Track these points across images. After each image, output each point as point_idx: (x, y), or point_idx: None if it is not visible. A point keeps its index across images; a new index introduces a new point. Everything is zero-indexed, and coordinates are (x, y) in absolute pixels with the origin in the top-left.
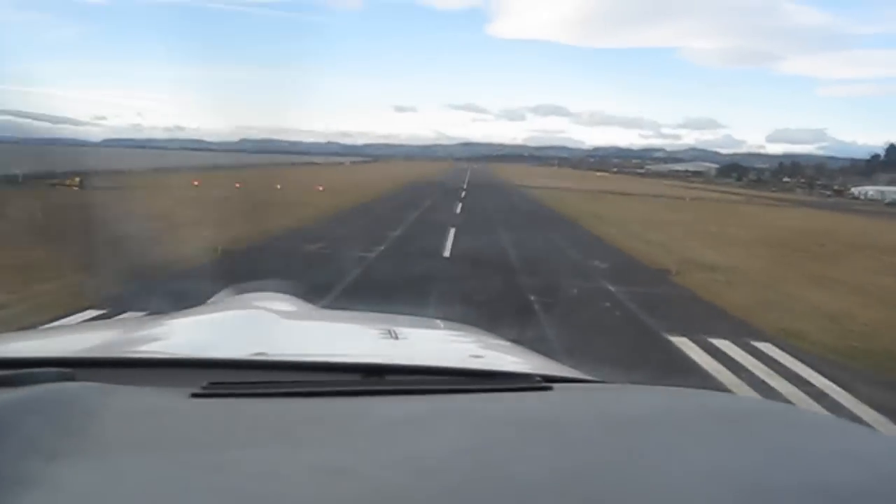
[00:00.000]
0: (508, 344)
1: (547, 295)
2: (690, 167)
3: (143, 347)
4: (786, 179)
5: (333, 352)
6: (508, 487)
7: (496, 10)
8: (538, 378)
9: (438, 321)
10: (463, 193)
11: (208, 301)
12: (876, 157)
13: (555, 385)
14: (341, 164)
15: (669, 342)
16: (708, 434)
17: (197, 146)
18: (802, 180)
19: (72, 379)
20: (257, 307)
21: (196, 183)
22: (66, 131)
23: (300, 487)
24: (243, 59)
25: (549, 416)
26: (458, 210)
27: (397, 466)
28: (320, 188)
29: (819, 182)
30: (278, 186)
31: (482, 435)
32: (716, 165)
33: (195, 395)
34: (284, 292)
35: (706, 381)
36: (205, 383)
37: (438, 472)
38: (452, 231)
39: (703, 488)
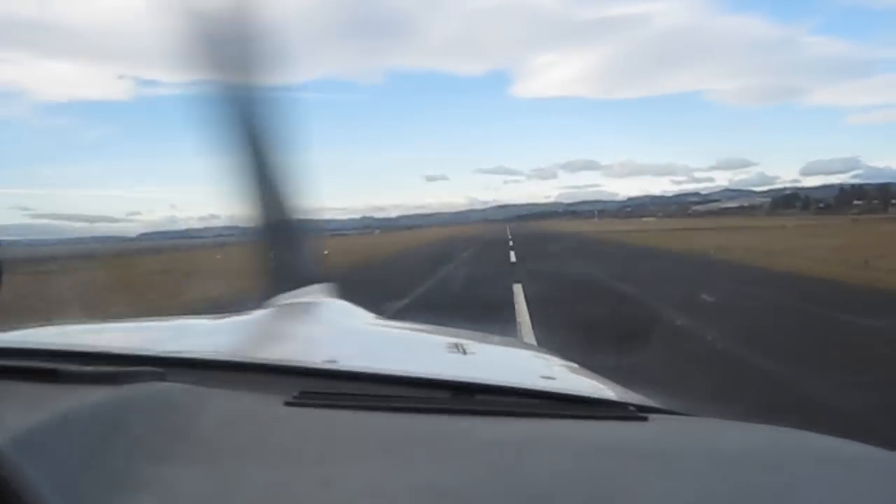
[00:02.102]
0: (580, 367)
1: None
2: (744, 202)
3: (226, 349)
4: (857, 202)
5: (408, 364)
6: None
7: (517, 71)
8: (632, 408)
9: (497, 337)
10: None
11: (266, 303)
12: None
13: (650, 415)
14: (372, 233)
15: None
16: (814, 477)
17: (232, 232)
18: (875, 202)
19: (163, 379)
20: (322, 313)
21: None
22: (103, 229)
23: None
24: (269, 142)
25: (651, 448)
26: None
27: (502, 491)
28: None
29: (894, 202)
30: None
31: (583, 463)
32: (768, 199)
33: (289, 404)
34: (335, 296)
35: None
36: (295, 392)
37: (543, 499)
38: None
39: None
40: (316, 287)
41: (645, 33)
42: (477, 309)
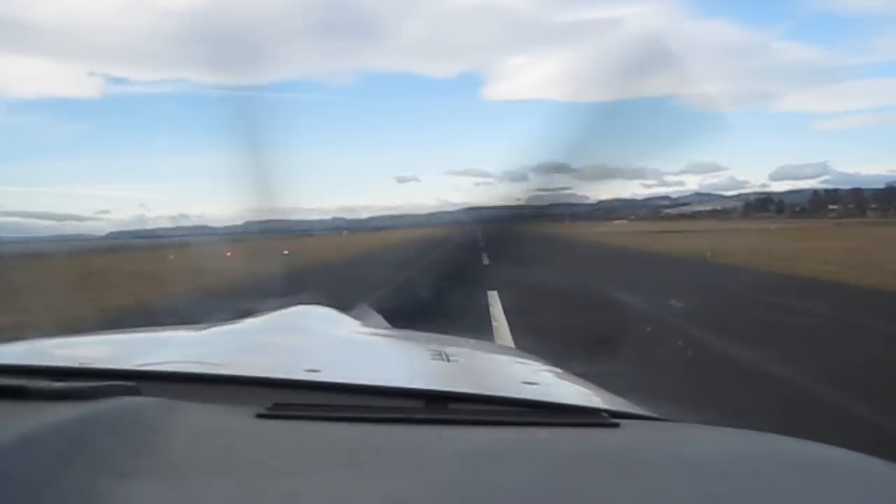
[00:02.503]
0: (561, 371)
1: None
2: (716, 206)
3: (203, 361)
4: (832, 207)
5: (389, 374)
6: None
7: (489, 73)
8: (605, 413)
9: (487, 343)
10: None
11: (253, 314)
12: None
13: (622, 421)
14: (340, 234)
15: None
16: (783, 481)
17: (202, 232)
18: (851, 206)
19: (137, 393)
20: (307, 322)
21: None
22: (71, 228)
23: None
24: (238, 142)
25: (620, 455)
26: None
27: (469, 501)
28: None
29: (873, 207)
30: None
31: (553, 471)
32: (741, 203)
33: (260, 416)
34: (321, 304)
35: None
36: (269, 404)
37: None
38: None
39: None
40: (303, 296)
41: (615, 37)
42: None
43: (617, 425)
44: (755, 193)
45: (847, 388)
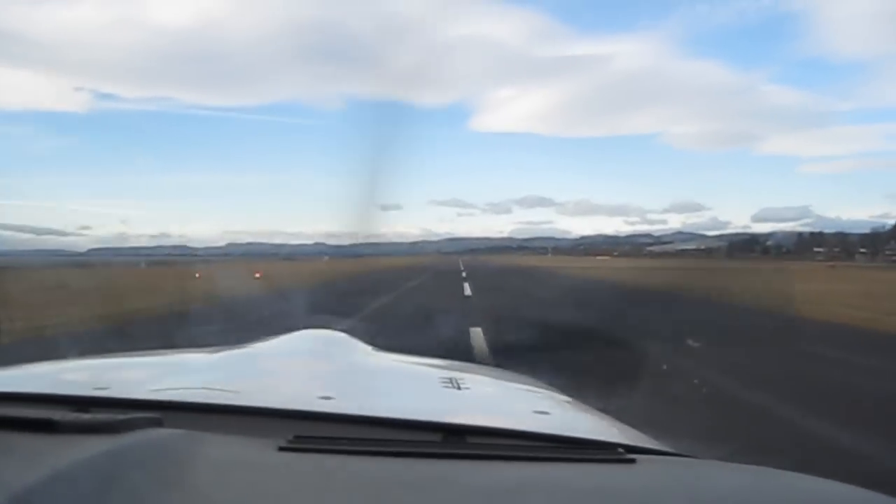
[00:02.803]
0: (568, 399)
1: None
2: (699, 245)
3: (223, 388)
4: (817, 250)
5: (404, 403)
6: None
7: (476, 105)
8: (621, 449)
9: (491, 369)
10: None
11: (265, 338)
12: None
13: (638, 457)
14: (322, 259)
15: None
16: None
17: (182, 252)
18: (836, 249)
19: (160, 424)
20: (319, 347)
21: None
22: (52, 242)
23: None
24: (225, 164)
25: (635, 493)
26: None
27: None
28: (257, 275)
29: (863, 251)
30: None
31: None
32: (724, 243)
33: (283, 449)
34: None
35: None
36: (289, 435)
37: None
38: None
39: None
40: (316, 321)
41: (604, 74)
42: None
43: (633, 461)
44: (738, 234)
45: None
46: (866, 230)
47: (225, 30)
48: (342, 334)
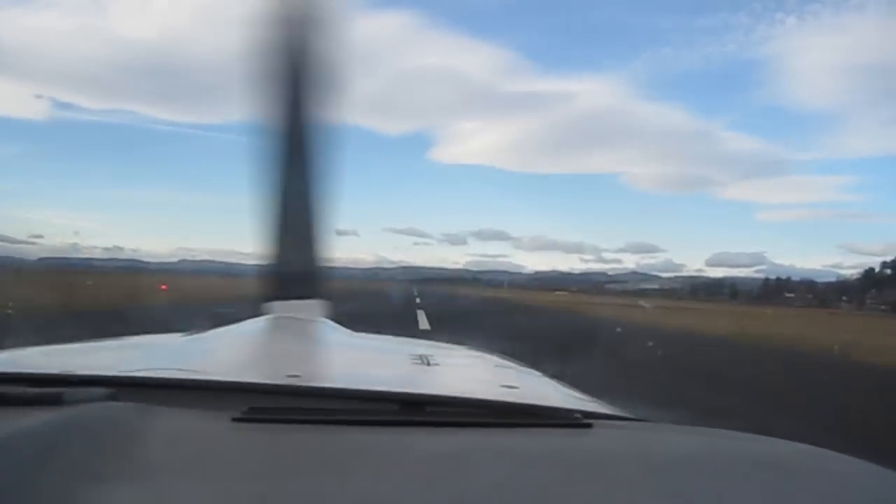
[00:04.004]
0: (538, 374)
1: None
2: (665, 285)
3: (182, 367)
4: (789, 295)
5: (369, 379)
6: None
7: (438, 136)
8: (578, 415)
9: (470, 350)
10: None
11: (244, 321)
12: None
13: (595, 422)
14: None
15: None
16: (752, 479)
17: (135, 266)
18: (810, 296)
19: (115, 399)
20: (292, 329)
21: None
22: (1, 249)
23: None
24: (182, 181)
25: (591, 455)
26: None
27: (440, 501)
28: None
29: (845, 298)
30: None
31: (525, 472)
32: (685, 285)
33: (236, 420)
34: (319, 314)
35: None
36: (245, 408)
37: None
38: None
39: None
40: (306, 303)
41: (567, 112)
42: None
43: (589, 426)
44: (693, 277)
45: None
46: (828, 279)
47: (188, 46)
48: (319, 318)
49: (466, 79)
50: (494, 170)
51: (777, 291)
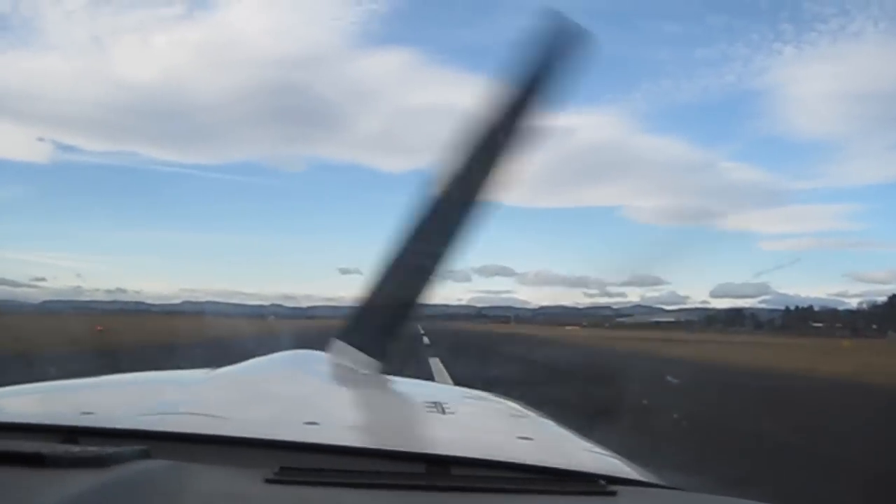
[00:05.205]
0: (552, 424)
1: None
2: (682, 317)
3: (209, 414)
4: (816, 325)
5: (389, 430)
6: None
7: (440, 171)
8: (602, 481)
9: (480, 394)
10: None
11: (252, 361)
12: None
13: (620, 488)
14: (265, 319)
15: None
16: None
17: (137, 308)
18: (838, 325)
19: (148, 456)
20: (300, 369)
21: None
22: (5, 293)
23: None
24: (186, 222)
25: None
26: None
27: None
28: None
29: (875, 327)
30: None
31: None
32: (695, 317)
33: (269, 481)
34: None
35: None
36: (275, 465)
37: None
38: None
39: None
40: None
41: (567, 146)
42: None
43: (614, 493)
44: (699, 309)
45: None
46: (848, 307)
47: (190, 87)
48: (321, 353)
49: (465, 113)
50: (496, 205)
51: (800, 321)
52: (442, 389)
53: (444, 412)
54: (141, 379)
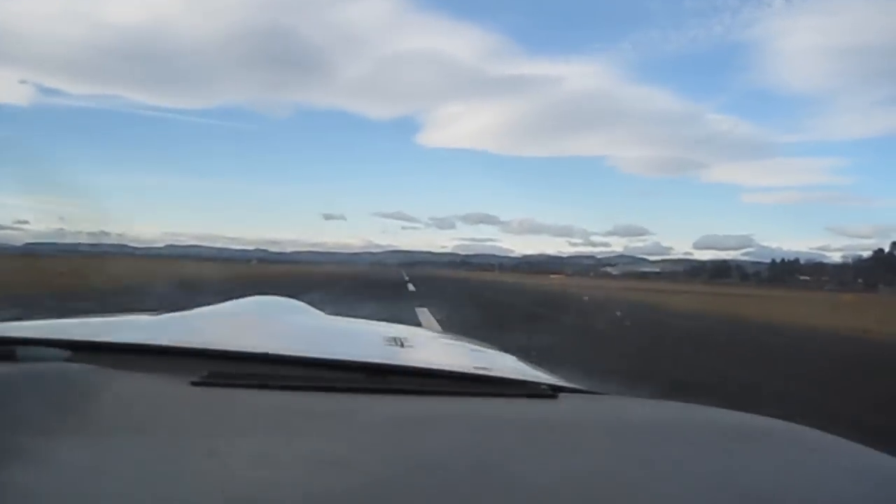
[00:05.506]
0: (515, 358)
1: None
2: (666, 268)
3: (146, 336)
4: (803, 278)
5: (335, 352)
6: (509, 488)
7: (426, 120)
8: (544, 386)
9: (447, 335)
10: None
11: (218, 304)
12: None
13: (560, 394)
14: (248, 263)
15: None
16: (716, 449)
17: (121, 251)
18: (825, 279)
19: (71, 361)
20: (267, 310)
21: None
22: None
23: (292, 475)
24: (171, 166)
25: (555, 423)
26: None
27: (394, 461)
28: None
29: (861, 281)
30: None
31: (485, 437)
32: (681, 267)
33: (195, 384)
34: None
35: None
36: (205, 373)
37: (437, 470)
38: None
39: (709, 500)
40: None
41: (554, 95)
42: None
43: (555, 397)
44: (682, 259)
45: None
46: (833, 261)
47: (175, 31)
48: (297, 301)
49: (453, 62)
50: (482, 153)
51: (786, 274)
52: (406, 330)
53: (401, 345)
54: (96, 317)
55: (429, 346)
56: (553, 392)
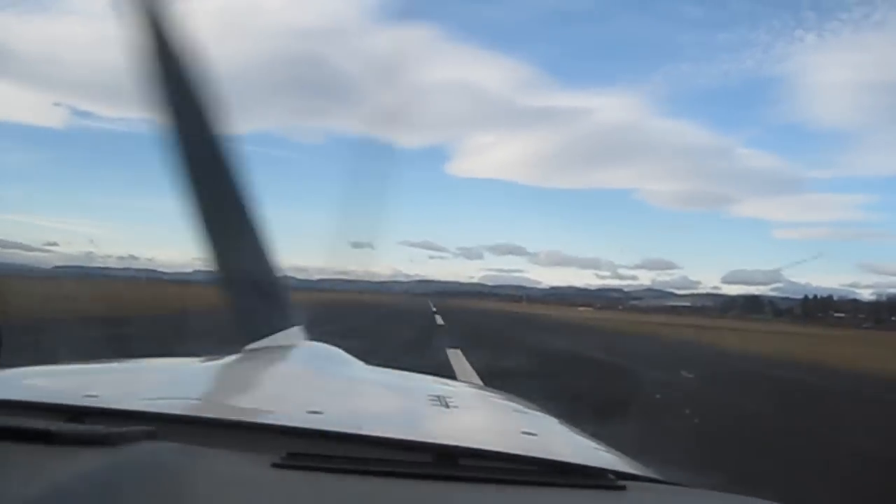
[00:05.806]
0: (555, 420)
1: None
2: (694, 302)
3: (215, 400)
4: (838, 315)
5: (394, 420)
6: None
7: (455, 149)
8: (611, 475)
9: (476, 387)
10: None
11: (247, 347)
12: None
13: (628, 483)
14: None
15: None
16: None
17: (149, 275)
18: (862, 316)
19: (154, 436)
20: (313, 363)
21: None
22: (17, 257)
23: None
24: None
25: None
26: None
27: None
28: None
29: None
30: None
31: None
32: (715, 301)
33: (276, 466)
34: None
35: None
36: (282, 451)
37: None
38: None
39: None
40: (291, 331)
41: (585, 127)
42: None
43: (623, 488)
44: (712, 295)
45: None
46: (867, 297)
47: (209, 56)
48: (334, 348)
49: (484, 92)
50: (511, 184)
51: (820, 310)
52: (441, 383)
53: (447, 406)
54: (146, 364)
55: (474, 410)
56: (621, 483)
